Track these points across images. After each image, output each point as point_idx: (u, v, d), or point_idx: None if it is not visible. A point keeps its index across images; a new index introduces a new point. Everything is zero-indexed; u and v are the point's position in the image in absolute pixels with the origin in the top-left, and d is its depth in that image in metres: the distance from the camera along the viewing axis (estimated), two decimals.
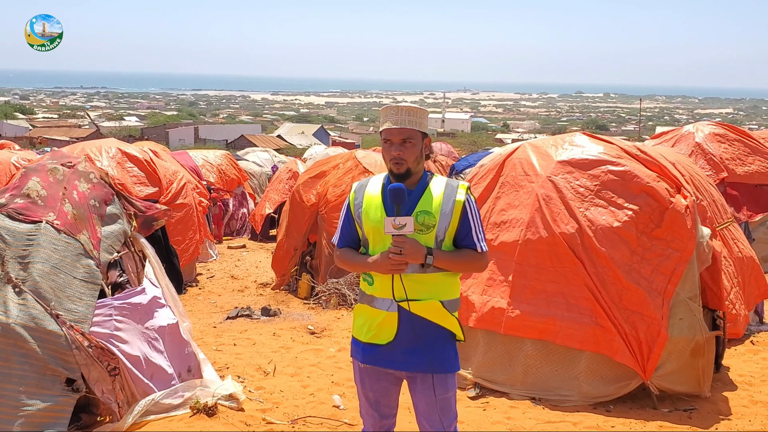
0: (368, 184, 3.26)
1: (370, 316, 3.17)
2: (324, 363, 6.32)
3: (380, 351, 3.15)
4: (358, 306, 3.27)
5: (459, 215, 3.12)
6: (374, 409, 3.26)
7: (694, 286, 5.22)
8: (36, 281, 4.37)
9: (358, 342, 3.24)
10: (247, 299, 9.38)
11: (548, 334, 5.27)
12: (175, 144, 53.53)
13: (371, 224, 3.14)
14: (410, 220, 3.00)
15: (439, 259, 3.05)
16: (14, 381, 4.13)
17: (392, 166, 3.11)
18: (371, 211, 3.15)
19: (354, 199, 3.24)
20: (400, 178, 3.11)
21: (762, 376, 5.87)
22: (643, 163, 5.58)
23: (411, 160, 3.10)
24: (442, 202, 3.10)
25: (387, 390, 3.24)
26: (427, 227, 3.07)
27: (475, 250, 3.15)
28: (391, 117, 3.12)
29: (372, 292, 3.17)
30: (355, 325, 3.27)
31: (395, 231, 2.99)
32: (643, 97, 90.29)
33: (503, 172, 5.98)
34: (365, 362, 3.19)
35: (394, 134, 3.10)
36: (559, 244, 5.33)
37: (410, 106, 3.16)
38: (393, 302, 3.09)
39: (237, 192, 16.09)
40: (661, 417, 5.01)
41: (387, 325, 3.12)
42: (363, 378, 3.25)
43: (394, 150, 3.10)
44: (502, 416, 5.04)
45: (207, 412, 4.82)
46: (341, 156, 10.47)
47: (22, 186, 4.84)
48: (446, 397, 3.15)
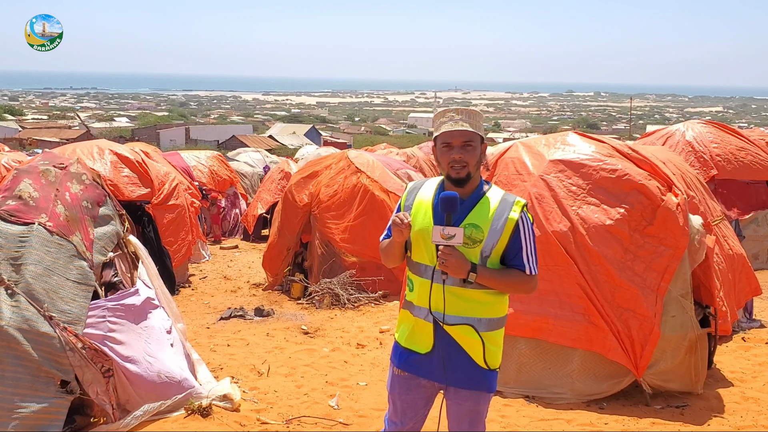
0: (422, 186, 3.16)
1: (409, 321, 3.12)
2: (318, 363, 6.33)
3: (418, 359, 3.09)
4: (402, 311, 3.22)
5: (510, 234, 2.99)
6: (399, 418, 3.22)
7: (686, 283, 5.26)
8: (29, 283, 4.35)
9: (398, 346, 3.18)
10: (240, 300, 9.36)
11: (541, 333, 5.29)
12: (166, 145, 53.39)
13: (416, 228, 3.05)
14: (460, 232, 2.89)
15: (483, 276, 2.94)
16: (8, 383, 4.12)
17: (450, 171, 2.98)
18: (419, 215, 3.07)
19: (405, 200, 3.16)
20: (459, 183, 2.99)
21: (753, 373, 5.91)
22: (634, 161, 5.61)
23: (473, 164, 2.98)
24: (493, 218, 2.98)
25: (415, 402, 3.17)
26: (473, 241, 2.96)
27: (523, 272, 3.02)
28: (450, 119, 3.00)
29: (411, 298, 3.11)
30: (399, 329, 3.21)
31: (443, 241, 2.89)
32: (634, 96, 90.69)
33: (496, 171, 6.00)
34: (401, 368, 3.14)
35: (456, 137, 2.96)
36: (551, 242, 5.36)
37: (470, 108, 3.07)
38: (429, 313, 3.02)
39: (229, 192, 16.08)
40: (653, 414, 5.04)
41: (424, 335, 3.06)
42: (394, 385, 3.19)
43: (455, 153, 2.96)
44: (496, 414, 5.05)
45: (201, 413, 4.81)
46: (333, 156, 10.47)
47: (14, 188, 4.82)
48: (477, 410, 3.11)
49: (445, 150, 3.00)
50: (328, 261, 9.24)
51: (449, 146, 2.98)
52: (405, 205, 3.15)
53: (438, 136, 3.03)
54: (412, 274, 3.11)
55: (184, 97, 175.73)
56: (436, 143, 3.05)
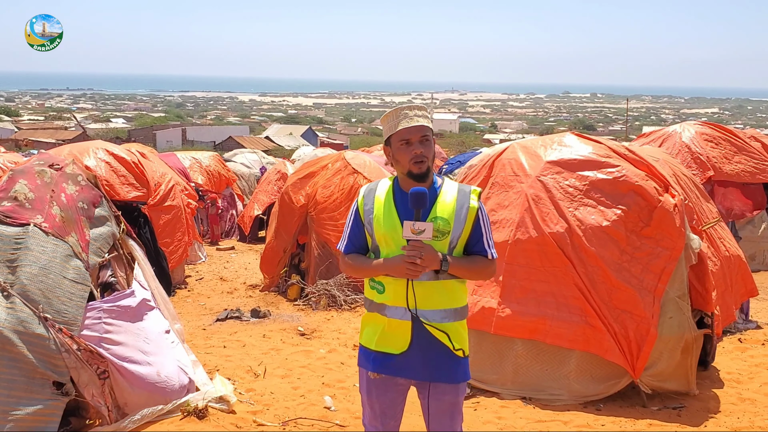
0: (377, 188, 3.17)
1: (382, 324, 3.09)
2: (314, 364, 6.31)
3: (394, 361, 3.07)
4: (367, 315, 3.19)
5: (472, 222, 3.08)
6: (379, 421, 3.20)
7: (683, 284, 5.26)
8: (24, 284, 4.33)
9: (368, 351, 3.14)
10: (236, 301, 9.35)
11: (538, 334, 5.29)
12: (163, 146, 53.31)
13: (384, 230, 3.05)
14: (429, 226, 2.93)
15: (454, 266, 3.00)
16: (3, 385, 4.09)
17: (413, 167, 3.02)
18: (383, 216, 3.07)
19: (363, 204, 3.14)
20: (421, 178, 3.03)
21: (750, 374, 5.91)
22: (631, 162, 5.61)
23: (430, 158, 3.04)
24: (456, 209, 3.05)
25: (394, 401, 3.18)
26: (442, 234, 3.01)
27: (485, 257, 3.11)
28: (405, 116, 3.05)
29: (383, 300, 3.08)
30: (365, 334, 3.18)
31: (413, 236, 2.92)
32: (630, 97, 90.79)
33: (493, 172, 6.00)
34: (377, 371, 3.10)
35: (413, 132, 3.02)
36: (548, 243, 5.36)
37: (420, 105, 3.11)
38: (407, 311, 3.02)
39: (225, 193, 16.05)
40: (650, 415, 5.03)
41: (400, 334, 3.05)
42: (370, 389, 3.16)
43: (415, 148, 3.01)
44: (493, 416, 5.05)
45: (197, 415, 4.79)
46: (330, 157, 10.46)
47: (9, 189, 4.80)
48: (457, 401, 3.14)
49: (403, 147, 3.04)
50: (324, 262, 9.23)
51: (408, 143, 3.03)
52: (365, 210, 3.13)
53: (395, 135, 3.07)
54: (381, 277, 3.09)
55: (181, 98, 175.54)
56: (392, 142, 3.08)
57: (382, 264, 3.04)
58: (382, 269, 3.03)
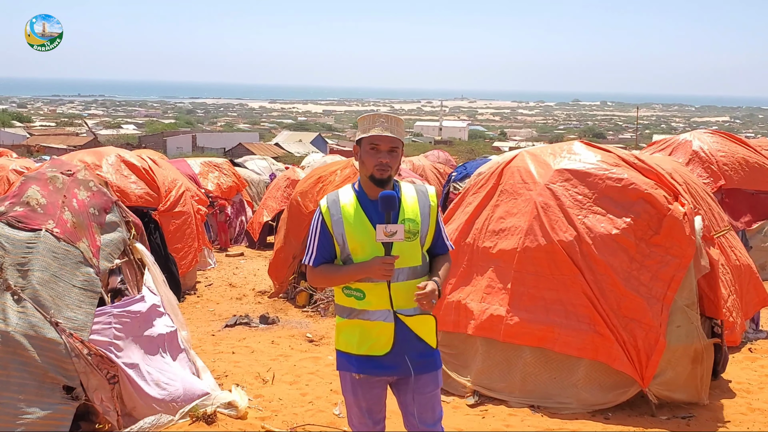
0: (340, 198, 3.22)
1: (365, 329, 3.16)
2: (323, 371, 6.32)
3: (378, 362, 3.17)
4: (345, 322, 3.23)
5: (435, 219, 3.24)
6: (367, 417, 3.29)
7: (692, 293, 5.24)
8: (35, 289, 4.37)
9: (349, 356, 3.21)
10: (245, 307, 9.37)
11: (547, 342, 5.28)
12: (173, 152, 53.59)
13: (358, 238, 3.12)
14: (401, 228, 3.04)
15: (441, 284, 3.19)
16: (13, 389, 4.13)
17: (375, 172, 3.12)
18: (355, 224, 3.14)
19: (330, 215, 3.18)
20: (381, 183, 3.13)
21: (760, 384, 5.88)
22: (640, 171, 5.61)
23: (395, 168, 3.17)
24: (420, 209, 3.20)
25: (379, 396, 3.28)
26: (413, 234, 3.14)
27: (446, 253, 3.33)
28: (380, 124, 3.15)
29: (364, 306, 3.14)
30: (343, 340, 3.23)
31: (386, 238, 3.02)
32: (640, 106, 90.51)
33: (502, 180, 6.01)
34: (361, 372, 3.19)
35: (384, 141, 3.13)
36: (557, 251, 5.35)
37: (397, 116, 3.22)
38: (390, 313, 3.12)
39: (235, 200, 16.09)
40: (659, 424, 5.01)
41: (382, 337, 3.14)
42: (356, 389, 3.24)
43: (382, 157, 3.12)
44: (501, 424, 5.04)
45: (206, 420, 4.82)
46: (339, 163, 10.48)
47: (22, 194, 4.85)
48: (437, 392, 3.28)
49: (372, 152, 3.15)
50: None
51: (376, 149, 3.14)
52: (333, 220, 3.17)
53: (365, 138, 3.17)
54: (359, 284, 3.14)
55: (191, 105, 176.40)
56: (362, 144, 3.18)
57: (357, 268, 3.12)
58: (360, 272, 3.11)
